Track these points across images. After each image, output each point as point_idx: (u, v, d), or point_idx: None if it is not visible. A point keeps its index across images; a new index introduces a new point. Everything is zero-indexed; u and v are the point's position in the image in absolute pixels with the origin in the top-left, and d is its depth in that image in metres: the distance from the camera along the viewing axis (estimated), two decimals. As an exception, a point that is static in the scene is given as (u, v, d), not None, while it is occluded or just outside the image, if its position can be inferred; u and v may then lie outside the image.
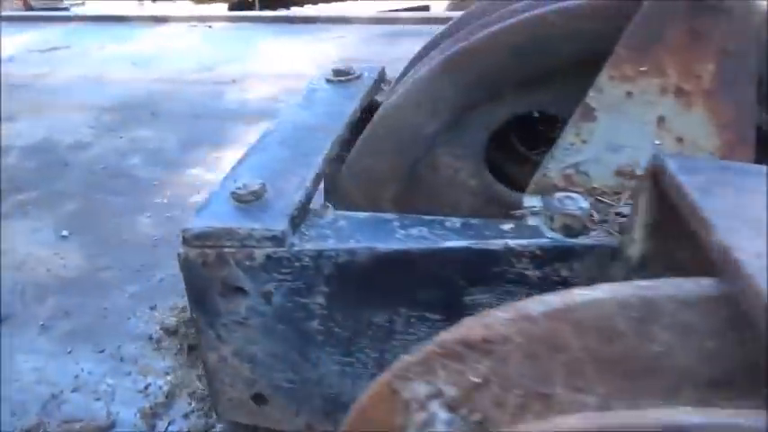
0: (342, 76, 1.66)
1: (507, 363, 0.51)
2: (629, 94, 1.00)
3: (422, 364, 0.56)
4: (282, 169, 1.20)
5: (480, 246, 0.94)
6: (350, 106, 1.49)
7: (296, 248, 1.02)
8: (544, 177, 1.05)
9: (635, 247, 0.83)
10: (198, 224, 1.05)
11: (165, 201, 2.95)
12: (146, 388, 1.79)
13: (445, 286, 0.99)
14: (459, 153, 1.22)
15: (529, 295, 0.95)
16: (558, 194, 0.99)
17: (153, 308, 2.17)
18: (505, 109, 1.15)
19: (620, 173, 1.02)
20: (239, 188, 1.10)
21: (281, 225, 1.02)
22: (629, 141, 1.00)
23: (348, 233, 1.06)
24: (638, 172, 1.02)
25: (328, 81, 1.67)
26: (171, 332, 2.12)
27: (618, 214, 0.98)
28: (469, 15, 1.38)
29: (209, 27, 6.41)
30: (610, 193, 1.03)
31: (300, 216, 1.07)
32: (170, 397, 1.76)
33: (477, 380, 0.52)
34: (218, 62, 5.15)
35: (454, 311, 1.01)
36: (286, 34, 5.98)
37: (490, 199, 1.26)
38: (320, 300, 1.06)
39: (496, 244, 0.94)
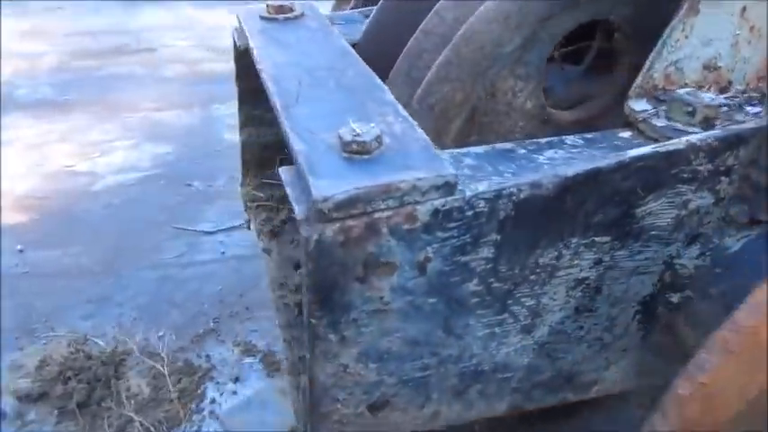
0: (287, 13, 1.38)
1: None
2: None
3: None
4: (362, 112, 0.95)
5: (663, 148, 0.88)
6: (335, 42, 1.25)
7: (469, 193, 0.82)
8: (650, 78, 1.03)
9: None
10: (333, 190, 0.76)
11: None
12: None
13: (623, 200, 0.90)
14: (523, 72, 1.12)
15: (696, 193, 0.94)
16: (680, 91, 0.99)
17: None
18: (573, 17, 1.09)
19: (706, 66, 1.06)
20: (350, 139, 0.83)
21: (448, 168, 0.80)
22: (717, 34, 1.04)
23: (497, 168, 0.89)
24: (721, 65, 1.07)
25: (268, 19, 1.37)
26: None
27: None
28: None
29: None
30: (695, 87, 1.07)
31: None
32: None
33: None
34: None
35: (623, 229, 0.94)
36: None
37: (543, 121, 1.20)
38: (486, 253, 0.87)
39: (679, 143, 0.89)
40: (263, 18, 1.38)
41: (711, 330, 0.96)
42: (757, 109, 1.01)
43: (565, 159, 0.92)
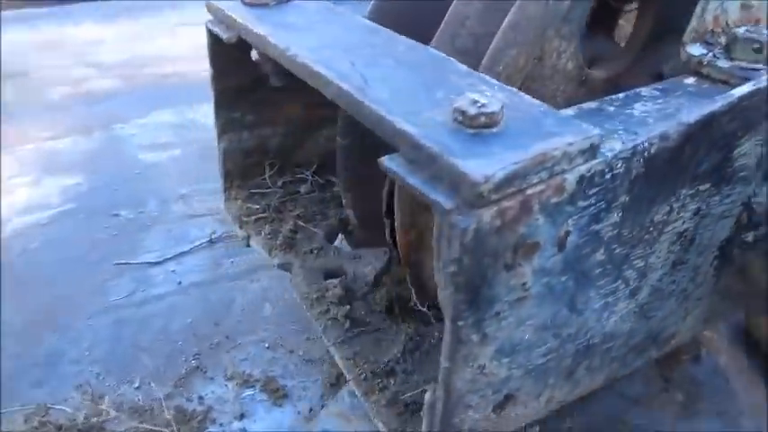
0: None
1: None
2: None
3: None
4: (449, 85, 0.84)
5: (754, 87, 0.88)
6: (354, 20, 1.13)
7: (610, 155, 0.75)
8: (703, 22, 1.02)
9: None
10: (490, 169, 0.66)
11: None
12: None
13: (725, 143, 0.89)
14: (567, 32, 1.07)
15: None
16: (740, 30, 0.99)
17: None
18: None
19: (744, 6, 1.08)
20: (476, 111, 0.73)
21: (593, 130, 0.73)
22: (750, -26, 1.06)
23: (605, 128, 0.83)
24: (754, 3, 1.09)
25: (257, 5, 1.21)
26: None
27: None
28: None
29: None
30: (736, 25, 1.08)
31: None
32: None
33: None
34: None
35: (720, 173, 0.93)
36: None
37: (581, 83, 1.17)
38: (615, 218, 0.82)
39: (763, 80, 0.89)
40: (249, 5, 1.22)
41: None
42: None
43: (660, 110, 0.89)
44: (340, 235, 1.45)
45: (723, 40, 1.02)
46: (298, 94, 1.50)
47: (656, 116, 0.86)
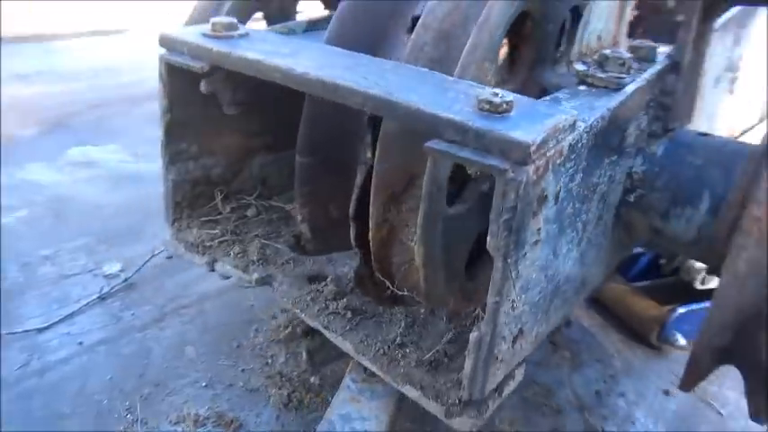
0: (236, 30, 1.36)
1: None
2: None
3: None
4: (457, 87, 1.08)
5: (636, 86, 1.27)
6: (325, 47, 1.32)
7: (582, 129, 1.05)
8: (581, 47, 1.42)
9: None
10: (533, 136, 0.91)
11: None
12: None
13: (623, 125, 1.26)
14: (492, 58, 1.39)
15: (644, 116, 1.36)
16: (607, 51, 1.39)
17: None
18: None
19: (597, 38, 1.51)
20: (500, 100, 0.98)
21: (571, 111, 1.03)
22: (600, 15, 1.50)
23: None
24: (602, 35, 1.53)
25: (224, 38, 1.32)
26: None
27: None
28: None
29: None
30: (602, 48, 1.50)
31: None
32: None
33: None
34: None
35: (620, 148, 1.30)
36: None
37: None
38: (578, 178, 1.12)
39: (642, 81, 1.28)
40: (215, 37, 1.32)
41: (658, 214, 1.40)
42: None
43: (581, 105, 1.21)
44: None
45: (596, 58, 1.42)
46: (236, 123, 1.61)
47: (584, 108, 1.20)
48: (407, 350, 1.22)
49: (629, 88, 1.25)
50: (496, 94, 0.99)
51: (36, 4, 6.13)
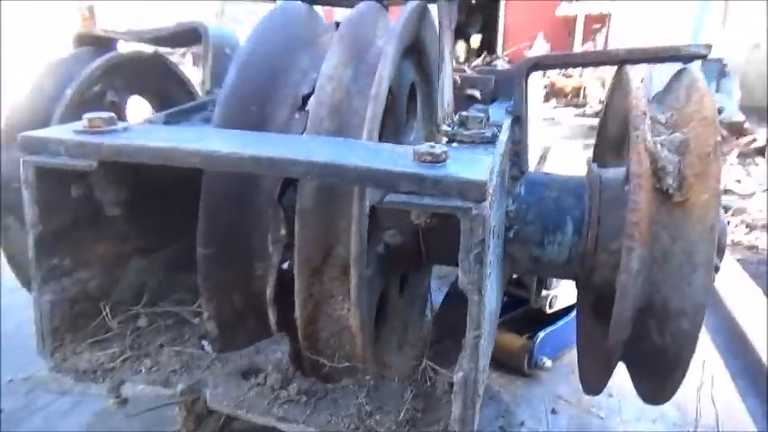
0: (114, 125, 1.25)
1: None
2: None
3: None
4: (379, 149, 1.15)
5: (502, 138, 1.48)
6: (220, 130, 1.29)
7: (494, 166, 1.20)
8: (443, 112, 1.60)
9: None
10: (482, 176, 1.02)
11: None
12: None
13: (509, 166, 1.45)
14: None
15: (508, 163, 1.58)
16: (465, 113, 1.60)
17: None
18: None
19: (448, 104, 1.72)
20: (439, 152, 1.07)
21: (487, 154, 1.17)
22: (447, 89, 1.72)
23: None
24: (447, 102, 1.76)
25: (108, 132, 1.21)
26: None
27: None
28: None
29: None
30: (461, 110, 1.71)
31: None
32: None
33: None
34: None
35: (503, 188, 1.49)
36: None
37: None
38: (489, 206, 1.26)
39: (505, 133, 1.50)
40: (97, 133, 1.19)
41: (534, 244, 1.62)
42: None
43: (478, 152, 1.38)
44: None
45: (456, 120, 1.62)
46: (106, 230, 1.45)
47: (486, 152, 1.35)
48: (377, 417, 1.19)
49: (503, 137, 1.45)
50: (433, 146, 1.08)
51: None
